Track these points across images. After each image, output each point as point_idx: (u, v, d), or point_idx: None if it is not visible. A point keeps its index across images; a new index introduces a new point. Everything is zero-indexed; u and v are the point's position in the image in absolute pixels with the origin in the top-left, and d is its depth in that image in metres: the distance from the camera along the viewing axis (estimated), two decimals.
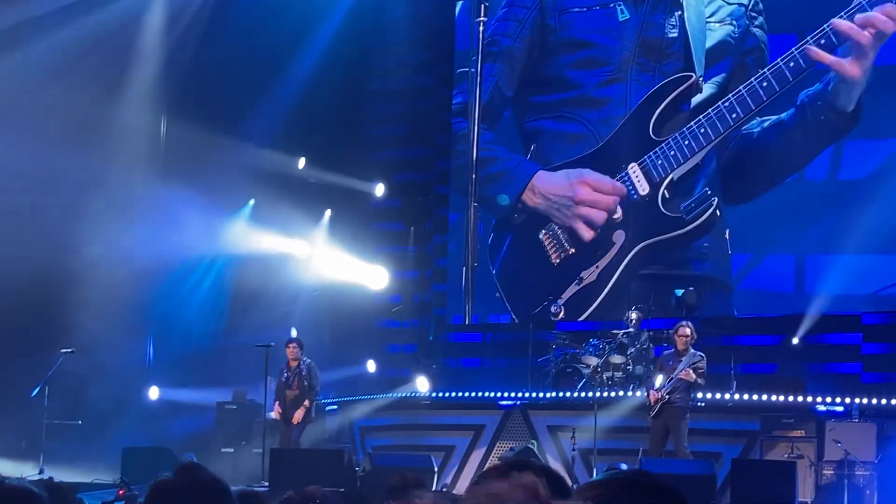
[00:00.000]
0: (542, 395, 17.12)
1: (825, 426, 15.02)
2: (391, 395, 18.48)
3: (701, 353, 14.66)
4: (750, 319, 18.25)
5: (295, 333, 18.57)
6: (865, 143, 17.59)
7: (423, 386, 18.78)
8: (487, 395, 17.41)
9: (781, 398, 15.74)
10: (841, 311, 17.41)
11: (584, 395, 16.55)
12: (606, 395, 16.28)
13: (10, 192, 18.64)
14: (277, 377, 16.69)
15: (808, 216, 17.74)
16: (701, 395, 15.27)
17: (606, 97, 19.25)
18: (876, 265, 17.22)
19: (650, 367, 15.94)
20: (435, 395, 18.28)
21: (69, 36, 18.92)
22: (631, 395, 16.04)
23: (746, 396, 15.94)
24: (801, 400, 15.67)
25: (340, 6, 20.74)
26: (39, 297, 18.09)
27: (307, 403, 16.30)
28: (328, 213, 21.15)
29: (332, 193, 20.93)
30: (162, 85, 20.27)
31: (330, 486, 11.20)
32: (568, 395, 16.83)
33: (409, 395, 18.46)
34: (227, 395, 19.09)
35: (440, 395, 18.17)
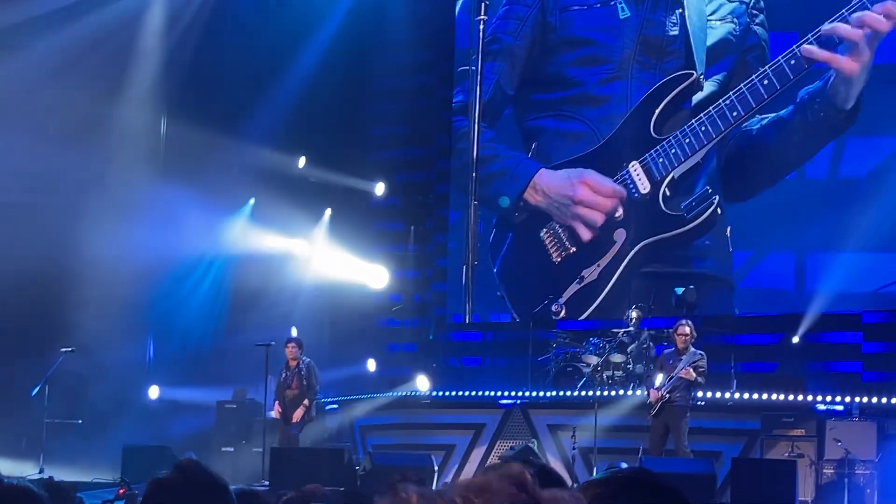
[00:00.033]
0: (542, 393, 17.11)
1: (825, 425, 15.01)
2: (391, 394, 18.47)
3: (701, 351, 14.64)
4: (750, 318, 18.25)
5: (295, 333, 18.57)
6: (866, 141, 17.58)
7: (423, 385, 18.77)
8: (488, 394, 17.40)
9: (782, 397, 15.74)
10: (841, 309, 17.40)
11: (584, 393, 16.53)
12: (607, 393, 16.27)
13: (10, 191, 18.65)
14: (277, 377, 16.69)
15: (808, 214, 17.73)
16: (701, 393, 15.25)
17: (607, 95, 19.24)
18: (876, 263, 17.22)
19: (650, 365, 15.93)
20: (435, 394, 18.27)
21: (69, 36, 18.92)
22: (631, 393, 16.03)
23: (747, 395, 15.93)
24: (801, 399, 15.66)
25: (340, 6, 20.72)
26: (39, 296, 18.08)
27: (306, 403, 16.30)
28: (328, 212, 21.14)
29: (332, 193, 20.94)
30: (162, 85, 20.27)
31: (330, 485, 11.18)
32: (568, 393, 16.81)
33: (409, 394, 18.45)
34: (227, 394, 19.10)
35: (440, 394, 18.16)
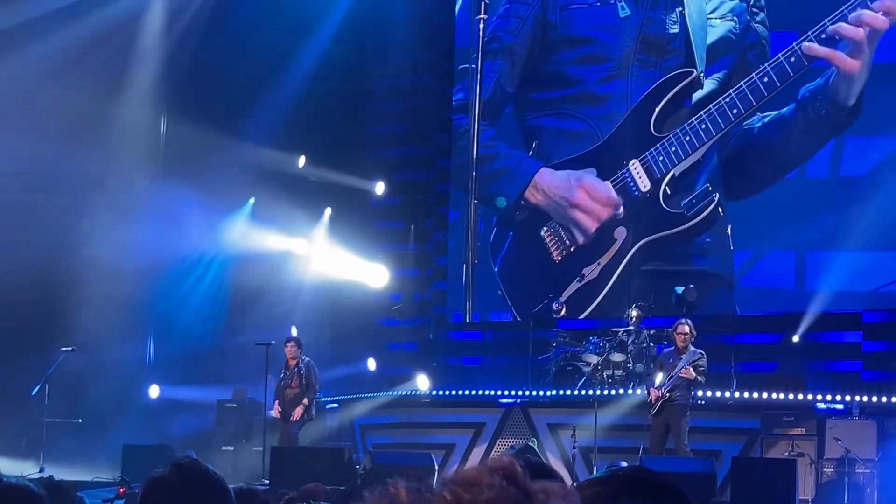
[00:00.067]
0: (542, 393, 17.10)
1: (825, 424, 15.01)
2: (392, 393, 18.47)
3: (701, 350, 14.64)
4: (750, 317, 18.24)
5: (295, 332, 18.58)
6: (866, 139, 17.57)
7: (423, 384, 18.77)
8: (488, 393, 17.39)
9: (782, 396, 15.74)
10: (841, 308, 17.40)
11: (584, 393, 16.52)
12: (607, 392, 16.26)
13: (10, 190, 18.65)
14: (277, 376, 16.68)
15: (808, 213, 17.72)
16: (701, 392, 15.25)
17: (607, 93, 19.23)
18: (876, 262, 17.22)
19: (650, 364, 15.92)
20: (435, 393, 18.26)
21: (69, 36, 18.91)
22: (631, 392, 16.03)
23: (747, 394, 15.93)
24: (801, 398, 15.66)
25: (340, 5, 20.71)
26: (40, 295, 18.08)
27: (306, 402, 16.29)
28: (328, 211, 21.14)
29: (332, 192, 20.92)
30: (162, 84, 20.26)
31: (330, 484, 11.17)
32: (568, 392, 16.80)
33: (409, 393, 18.45)
34: (227, 393, 19.10)
35: (440, 393, 18.15)
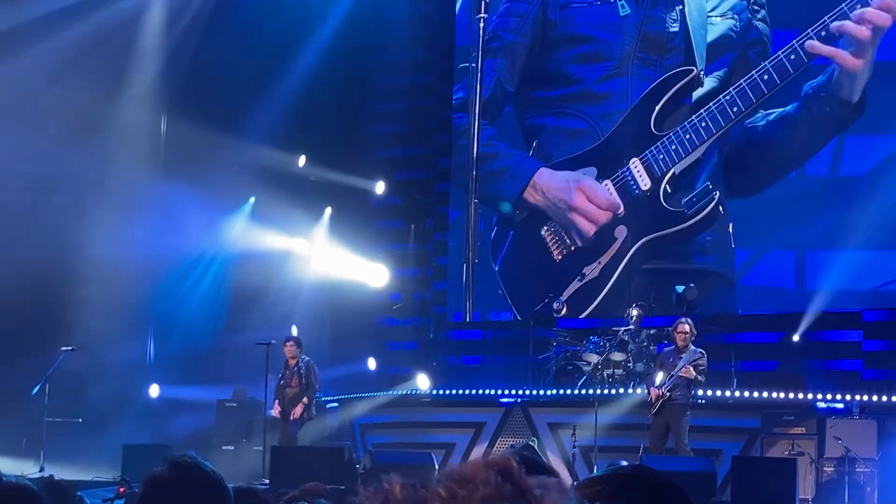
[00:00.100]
0: (542, 392, 17.10)
1: (826, 423, 15.00)
2: (392, 392, 18.46)
3: (701, 350, 14.63)
4: (750, 316, 18.23)
5: (295, 332, 18.57)
6: (866, 138, 17.55)
7: (423, 383, 18.76)
8: (488, 392, 17.38)
9: (782, 395, 15.73)
10: (841, 307, 17.39)
11: (584, 392, 16.52)
12: (607, 392, 16.25)
13: (10, 190, 18.65)
14: (277, 376, 16.67)
15: (808, 212, 17.70)
16: (701, 392, 15.25)
17: (607, 92, 19.23)
18: (876, 261, 17.21)
19: (651, 364, 15.92)
20: (435, 392, 18.25)
21: (69, 36, 18.91)
22: (631, 392, 16.03)
23: (747, 393, 15.92)
24: (801, 397, 15.65)
25: (341, 4, 20.71)
26: (40, 295, 18.08)
27: (305, 400, 16.27)
28: (328, 210, 21.14)
29: (332, 191, 20.93)
30: (162, 84, 20.27)
31: (330, 483, 11.17)
32: (568, 392, 16.80)
33: (409, 392, 18.44)
34: (227, 392, 19.10)
35: (441, 392, 18.14)
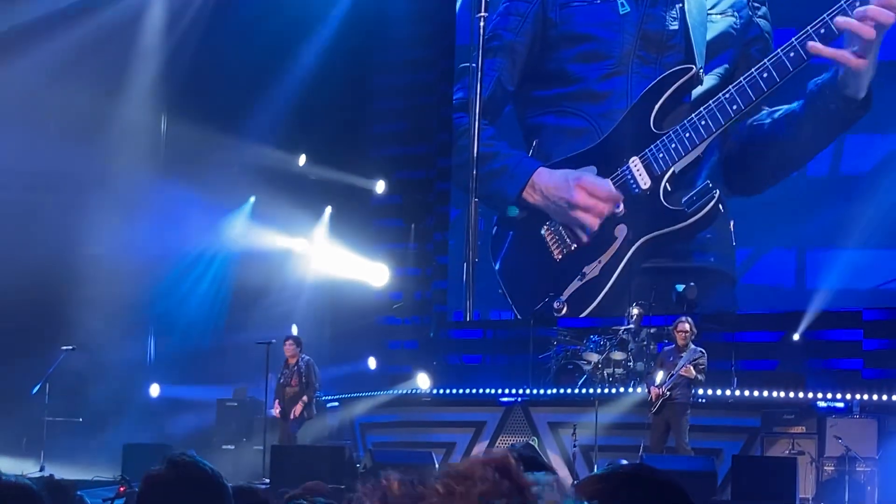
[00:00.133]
0: (542, 391, 17.10)
1: (826, 422, 15.01)
2: (392, 391, 18.46)
3: (701, 349, 14.63)
4: (751, 316, 18.22)
5: (296, 331, 18.57)
6: (867, 137, 17.54)
7: (423, 383, 18.76)
8: (488, 391, 17.39)
9: (782, 394, 15.73)
10: (842, 306, 17.38)
11: (584, 391, 16.53)
12: (607, 391, 16.26)
13: (11, 189, 18.63)
14: (277, 375, 16.66)
15: (809, 211, 17.69)
16: (702, 391, 15.25)
17: (608, 91, 19.21)
18: (877, 260, 17.20)
19: (651, 363, 15.92)
20: (436, 391, 18.26)
21: (70, 35, 18.90)
22: (632, 391, 16.03)
23: (747, 393, 15.92)
24: (801, 396, 15.66)
25: (341, 4, 20.70)
26: (40, 294, 18.06)
27: (305, 398, 16.26)
28: (329, 210, 21.14)
29: (332, 190, 20.93)
30: (162, 83, 20.26)
31: (331, 483, 11.17)
32: (569, 391, 16.80)
33: (409, 391, 18.44)
34: (227, 392, 19.11)
35: (441, 391, 18.15)
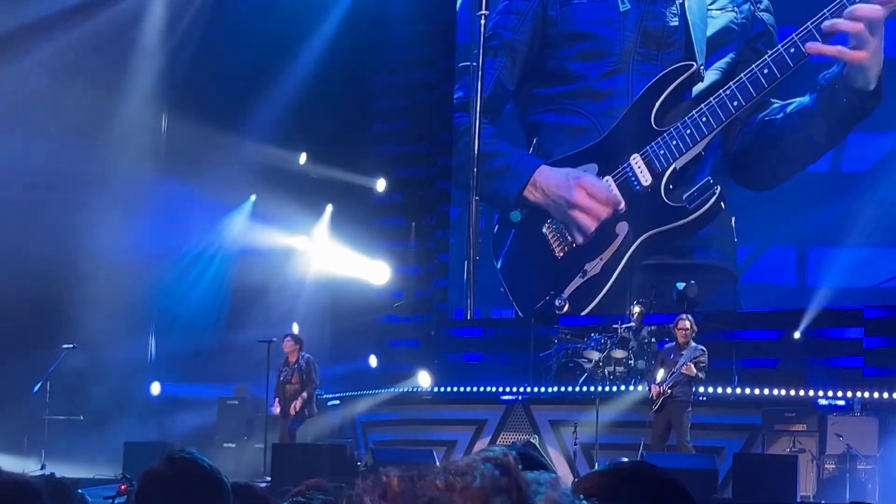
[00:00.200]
0: (543, 389, 17.11)
1: (827, 420, 15.01)
2: (393, 390, 18.46)
3: (702, 347, 14.63)
4: (751, 313, 18.22)
5: (297, 329, 18.56)
6: (868, 135, 17.52)
7: (424, 381, 18.76)
8: (489, 389, 17.41)
9: (783, 392, 15.73)
10: (843, 304, 17.37)
11: (585, 389, 16.54)
12: (608, 389, 16.27)
13: (12, 187, 18.64)
14: (277, 373, 16.62)
15: (810, 208, 17.68)
16: (703, 389, 15.25)
17: (608, 88, 19.21)
18: (878, 258, 17.19)
19: (652, 361, 15.93)
20: (437, 389, 18.28)
21: (71, 35, 18.90)
22: (633, 389, 16.03)
23: (748, 391, 15.93)
24: (802, 394, 15.66)
25: (341, 3, 20.70)
26: (41, 292, 18.06)
27: (305, 395, 16.23)
28: (329, 208, 21.13)
29: (333, 188, 20.92)
30: (163, 82, 20.25)
31: (332, 481, 11.18)
32: (570, 389, 16.82)
33: (410, 390, 18.45)
34: (228, 390, 19.11)
35: (442, 389, 18.17)
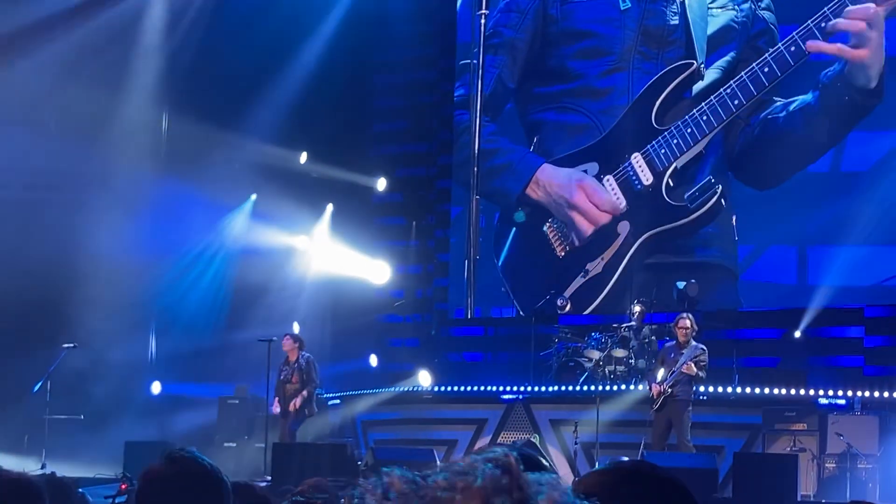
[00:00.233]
0: (544, 388, 17.12)
1: (827, 419, 15.01)
2: (393, 389, 18.46)
3: (702, 346, 14.63)
4: (752, 312, 18.22)
5: (297, 329, 18.57)
6: (868, 134, 17.52)
7: (425, 380, 18.77)
8: (490, 389, 17.42)
9: (784, 391, 15.73)
10: (843, 303, 17.38)
11: (586, 388, 16.55)
12: (609, 388, 16.28)
13: (13, 187, 18.65)
14: (277, 372, 16.62)
15: (810, 207, 17.68)
16: (703, 388, 15.25)
17: (609, 87, 19.20)
18: (878, 257, 17.20)
19: (652, 360, 15.93)
20: (437, 389, 18.28)
21: (71, 34, 18.90)
22: (633, 388, 16.04)
23: (749, 390, 15.93)
24: (803, 393, 15.66)
25: (342, 2, 20.71)
26: (42, 292, 18.07)
27: (305, 393, 16.23)
28: (330, 207, 21.14)
29: (333, 188, 20.93)
30: (163, 81, 20.26)
31: (333, 480, 11.18)
32: (570, 388, 16.83)
33: (411, 389, 18.45)
34: (229, 389, 19.11)
35: (442, 389, 18.17)
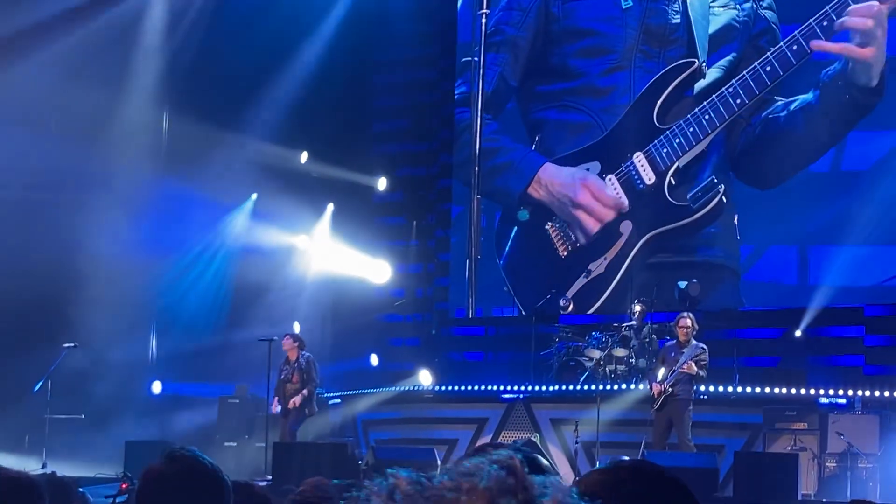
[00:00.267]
0: (545, 388, 17.12)
1: (828, 418, 15.01)
2: (394, 388, 18.47)
3: (703, 345, 14.63)
4: (753, 312, 18.23)
5: (298, 328, 18.58)
6: (869, 133, 17.53)
7: (425, 380, 18.79)
8: (490, 388, 17.42)
9: (784, 391, 15.73)
10: (844, 303, 17.38)
11: (586, 388, 16.55)
12: (609, 387, 16.28)
13: (13, 187, 18.65)
14: (277, 372, 16.62)
15: (811, 207, 17.69)
16: (704, 387, 15.25)
17: (610, 86, 19.19)
18: (879, 256, 17.20)
19: (653, 359, 15.93)
20: (438, 388, 18.29)
21: (72, 34, 18.91)
22: (634, 387, 16.04)
23: (749, 389, 15.93)
24: (803, 392, 15.66)
25: (342, 1, 20.71)
26: (43, 291, 18.07)
27: (305, 392, 16.23)
28: (330, 206, 21.14)
29: (334, 187, 20.93)
30: (164, 81, 20.26)
31: (334, 480, 11.18)
32: (571, 388, 16.83)
33: (412, 388, 18.46)
34: (229, 389, 19.12)
35: (443, 388, 18.19)
